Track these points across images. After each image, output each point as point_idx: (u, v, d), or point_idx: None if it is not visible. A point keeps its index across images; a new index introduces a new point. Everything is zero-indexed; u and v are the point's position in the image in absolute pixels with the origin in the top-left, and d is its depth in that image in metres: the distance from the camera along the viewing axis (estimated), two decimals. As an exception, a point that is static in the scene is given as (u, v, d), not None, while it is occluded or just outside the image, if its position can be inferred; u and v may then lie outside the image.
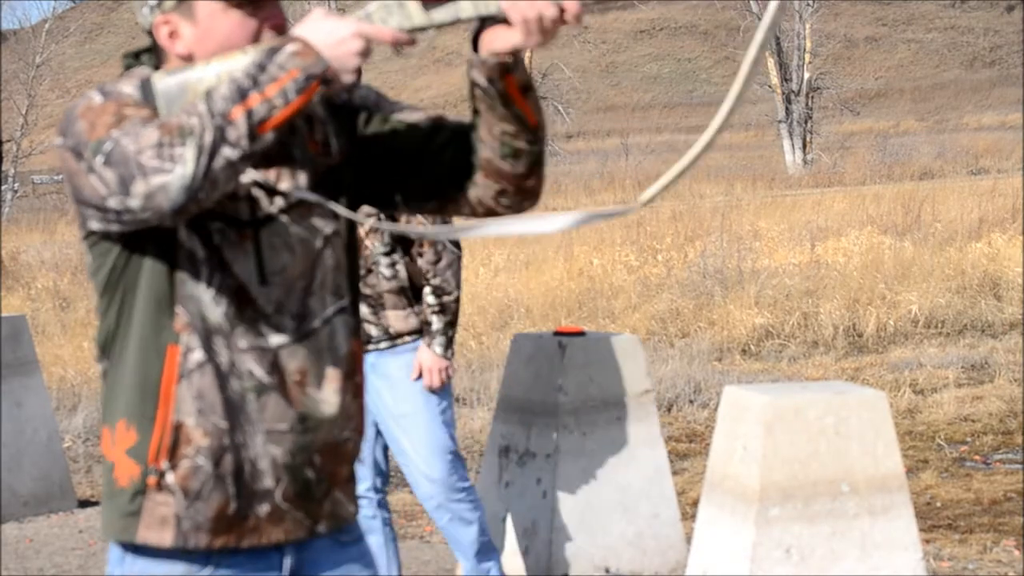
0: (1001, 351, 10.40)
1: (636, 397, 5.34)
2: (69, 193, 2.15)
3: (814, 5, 40.35)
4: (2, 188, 33.71)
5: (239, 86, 2.04)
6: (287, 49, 2.06)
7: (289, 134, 2.24)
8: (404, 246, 4.65)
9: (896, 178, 28.63)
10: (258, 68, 2.05)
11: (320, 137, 2.30)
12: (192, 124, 2.02)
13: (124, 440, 2.21)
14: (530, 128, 2.21)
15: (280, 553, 2.28)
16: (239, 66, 2.10)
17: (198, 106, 2.03)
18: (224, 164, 2.03)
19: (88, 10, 72.65)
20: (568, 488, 5.21)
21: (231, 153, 2.03)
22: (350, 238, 2.35)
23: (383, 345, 4.66)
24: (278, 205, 2.24)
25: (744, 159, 39.61)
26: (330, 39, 2.08)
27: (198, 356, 2.19)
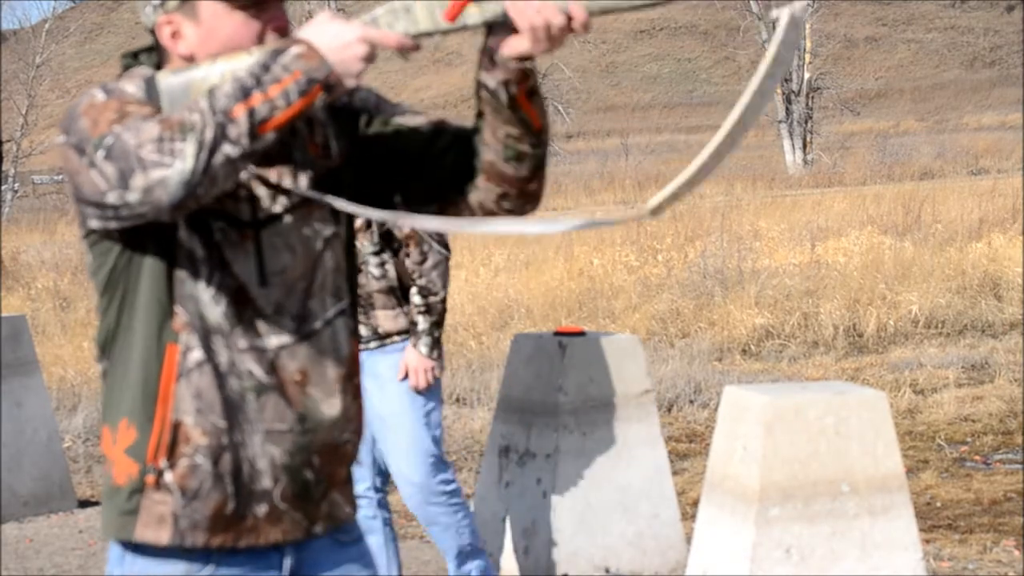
0: (1001, 351, 10.40)
1: (636, 397, 5.34)
2: (70, 192, 2.15)
3: (814, 5, 40.33)
4: (2, 188, 33.71)
5: (242, 85, 2.04)
6: (291, 51, 2.06)
7: (290, 136, 2.24)
8: (393, 246, 4.65)
9: (896, 178, 28.64)
10: (262, 68, 2.05)
11: (320, 139, 2.31)
12: (193, 120, 2.02)
13: (124, 439, 2.21)
14: (534, 132, 2.21)
15: (280, 553, 2.28)
16: (243, 66, 2.11)
17: (200, 103, 2.04)
18: (224, 161, 2.03)
19: (88, 10, 72.70)
20: (568, 488, 5.21)
21: (231, 150, 2.03)
22: (349, 240, 2.36)
23: (372, 345, 4.67)
24: (280, 206, 2.24)
25: (744, 159, 39.58)
26: (335, 43, 2.08)
27: (197, 355, 2.19)
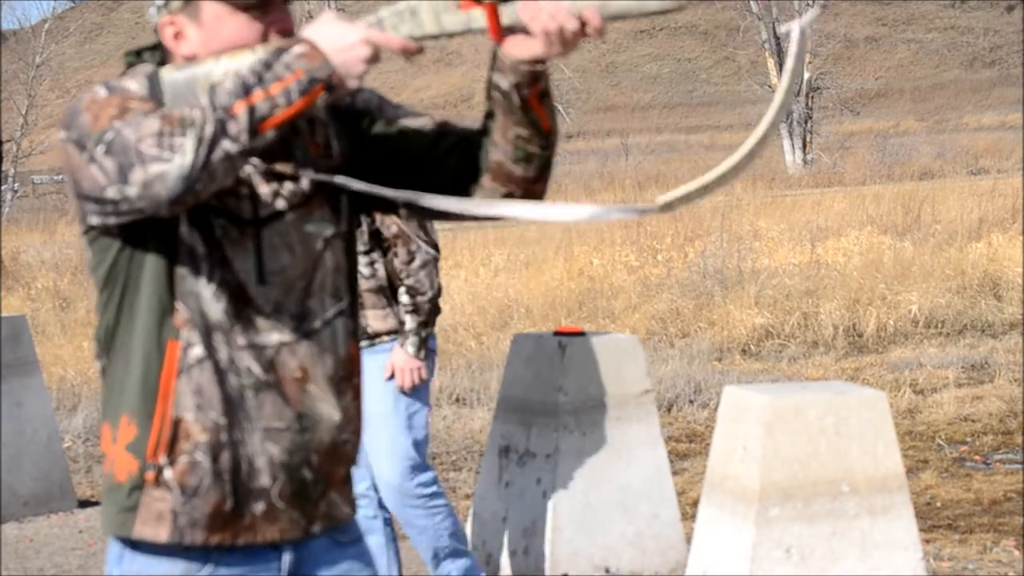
0: (1001, 351, 10.39)
1: (636, 397, 5.34)
2: (70, 188, 2.16)
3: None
4: (2, 188, 33.70)
5: (243, 82, 2.04)
6: (294, 50, 2.07)
7: (292, 135, 2.24)
8: (382, 246, 4.65)
9: (896, 178, 28.62)
10: (264, 66, 2.06)
11: (321, 139, 2.31)
12: (194, 116, 2.02)
13: (125, 435, 2.21)
14: (543, 133, 2.23)
15: (278, 552, 2.28)
16: (247, 63, 2.11)
17: (201, 99, 2.05)
18: (223, 156, 2.03)
19: (88, 10, 72.72)
20: (568, 488, 5.21)
21: (230, 147, 2.03)
22: (350, 241, 2.36)
23: (362, 345, 4.66)
24: (281, 204, 2.24)
25: (744, 159, 39.51)
26: (338, 44, 2.08)
27: (198, 352, 2.19)
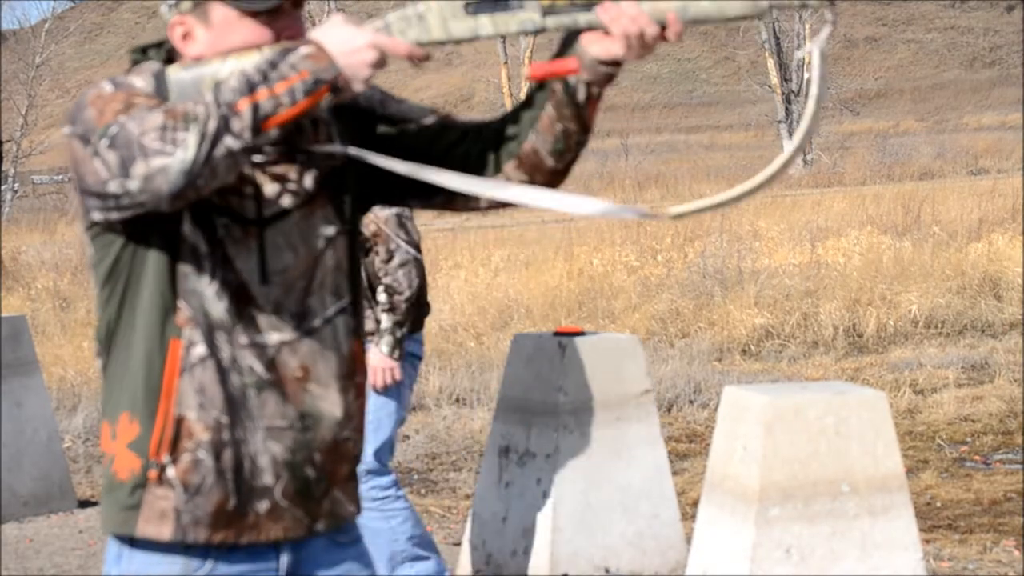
0: (1001, 351, 10.39)
1: (636, 397, 5.34)
2: (73, 184, 2.17)
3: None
4: (2, 188, 33.70)
5: (248, 80, 2.05)
6: (301, 51, 2.08)
7: (295, 133, 2.24)
8: (364, 246, 4.65)
9: (896, 178, 28.63)
10: (270, 65, 2.07)
11: (324, 138, 2.31)
12: (197, 111, 2.03)
13: (126, 433, 2.21)
14: (586, 131, 2.25)
15: (277, 552, 2.28)
16: (253, 63, 2.12)
17: (206, 95, 2.06)
18: (225, 153, 2.04)
19: (88, 10, 72.77)
20: (568, 488, 5.21)
21: (233, 143, 2.04)
22: (352, 239, 2.36)
23: None
24: (286, 203, 2.25)
25: (744, 159, 39.58)
26: (345, 47, 2.09)
27: (200, 350, 2.19)
